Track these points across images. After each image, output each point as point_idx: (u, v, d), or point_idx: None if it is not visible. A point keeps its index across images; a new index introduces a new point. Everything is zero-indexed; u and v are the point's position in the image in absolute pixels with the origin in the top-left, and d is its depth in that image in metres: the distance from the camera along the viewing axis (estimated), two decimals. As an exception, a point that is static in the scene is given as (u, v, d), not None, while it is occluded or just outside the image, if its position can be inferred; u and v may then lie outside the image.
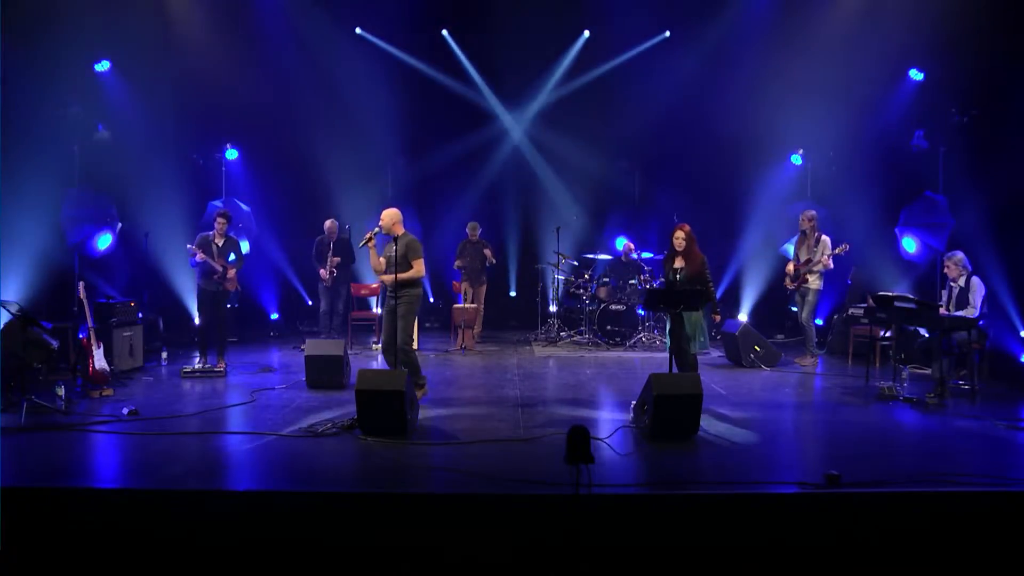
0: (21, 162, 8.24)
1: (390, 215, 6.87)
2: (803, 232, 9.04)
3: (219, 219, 8.48)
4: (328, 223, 10.45)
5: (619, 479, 4.84)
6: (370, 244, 6.77)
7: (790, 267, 9.13)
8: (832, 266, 8.94)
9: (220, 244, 8.41)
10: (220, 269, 8.31)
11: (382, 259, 6.96)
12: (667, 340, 6.84)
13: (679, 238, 6.84)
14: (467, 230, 10.81)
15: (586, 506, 4.28)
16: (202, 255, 8.19)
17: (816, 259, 8.84)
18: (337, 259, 10.34)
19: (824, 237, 8.93)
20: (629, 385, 7.67)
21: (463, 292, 10.66)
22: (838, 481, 4.56)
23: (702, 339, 6.71)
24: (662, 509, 4.47)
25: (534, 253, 12.28)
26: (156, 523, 4.37)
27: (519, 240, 12.55)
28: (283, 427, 5.97)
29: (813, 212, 9.13)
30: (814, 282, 8.91)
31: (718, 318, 6.90)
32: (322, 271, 10.34)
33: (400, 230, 6.86)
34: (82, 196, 9.48)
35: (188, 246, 8.34)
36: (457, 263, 10.71)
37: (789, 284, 9.14)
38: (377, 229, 6.83)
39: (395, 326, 6.77)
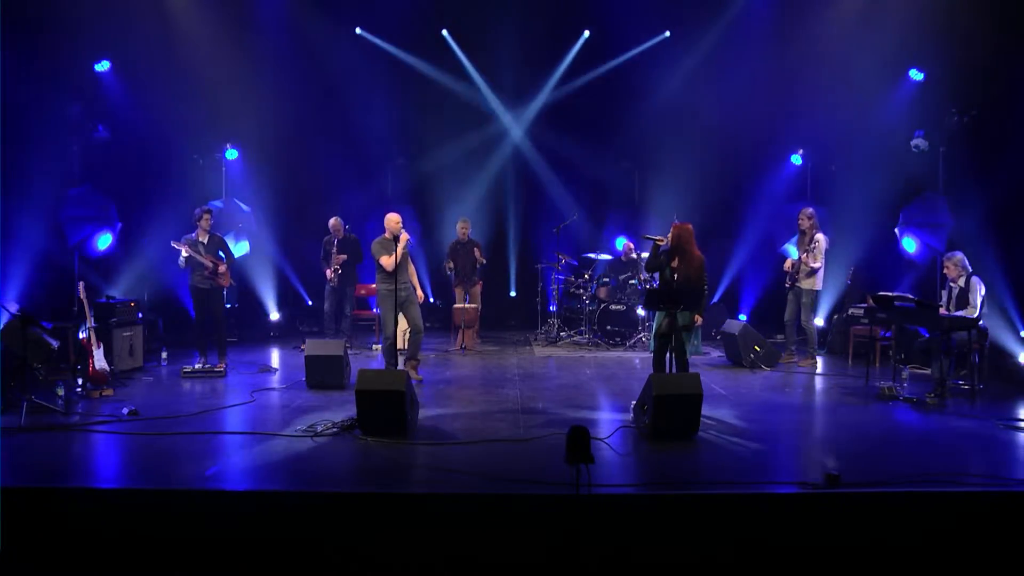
0: (21, 162, 8.24)
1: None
2: (802, 231, 9.01)
3: (204, 215, 8.37)
4: (332, 221, 10.20)
5: (619, 479, 4.85)
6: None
7: (788, 264, 9.10)
8: (820, 266, 8.87)
9: (205, 242, 8.38)
10: (210, 265, 8.28)
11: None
12: (651, 340, 6.83)
13: (671, 236, 6.81)
14: (457, 229, 10.50)
15: (586, 506, 4.29)
16: (188, 250, 8.14)
17: (807, 259, 8.82)
18: (343, 257, 10.13)
19: (819, 236, 8.88)
20: (629, 385, 7.67)
21: (456, 294, 10.56)
22: (838, 481, 4.57)
23: (696, 341, 6.69)
24: (662, 509, 4.47)
25: (534, 253, 12.27)
26: (156, 523, 4.37)
27: (519, 240, 12.55)
28: (283, 427, 5.97)
29: (812, 210, 9.09)
30: (806, 282, 8.87)
31: (700, 321, 6.90)
32: (328, 272, 10.15)
33: None
34: (82, 196, 9.48)
35: (173, 243, 8.25)
36: (448, 266, 10.47)
37: (788, 283, 9.10)
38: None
39: None
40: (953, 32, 8.80)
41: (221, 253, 8.48)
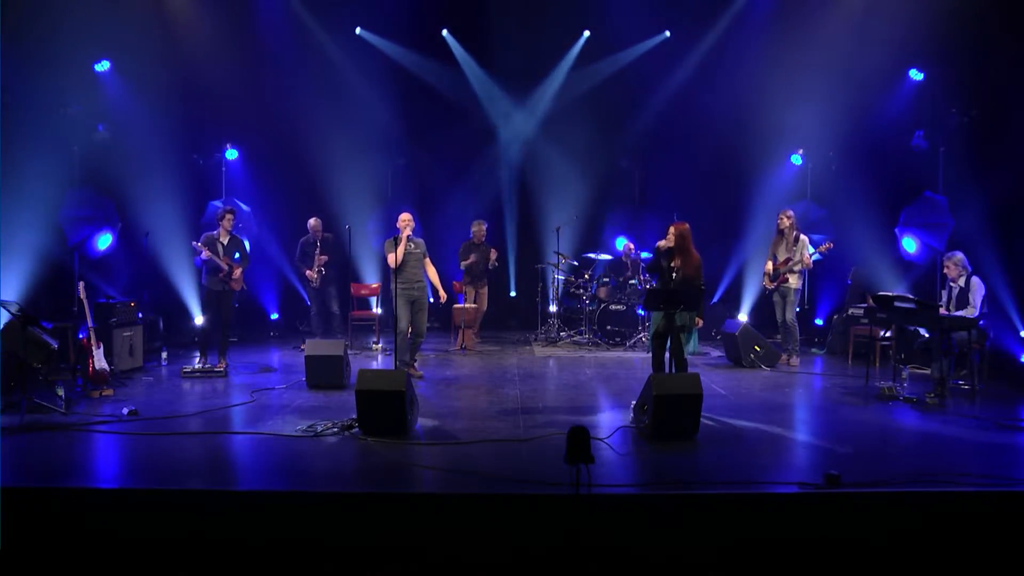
0: (21, 162, 8.24)
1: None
2: (780, 232, 8.98)
3: (227, 215, 8.42)
4: (312, 221, 10.30)
5: (619, 479, 4.85)
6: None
7: (769, 266, 9.07)
8: (812, 265, 8.92)
9: (225, 243, 8.39)
10: (226, 268, 8.29)
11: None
12: (649, 340, 6.84)
13: (670, 235, 6.80)
14: (472, 231, 10.53)
15: (586, 506, 4.28)
16: (208, 252, 8.15)
17: (796, 258, 8.82)
18: (325, 257, 10.18)
19: (803, 236, 8.90)
20: (629, 385, 7.67)
21: (465, 293, 10.55)
22: (838, 481, 4.56)
23: (694, 341, 6.69)
24: (662, 509, 4.47)
25: (534, 253, 12.27)
26: (156, 523, 4.37)
27: (519, 240, 12.54)
28: (283, 427, 5.97)
29: (792, 211, 9.10)
30: (794, 281, 8.87)
31: (700, 323, 6.90)
32: (309, 272, 10.19)
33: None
34: (82, 196, 9.48)
35: (193, 243, 8.28)
36: (464, 264, 10.49)
37: (768, 284, 9.08)
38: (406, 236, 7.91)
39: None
40: (953, 32, 8.80)
41: (237, 254, 8.46)
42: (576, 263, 11.29)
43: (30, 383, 6.66)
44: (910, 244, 9.78)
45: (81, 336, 7.39)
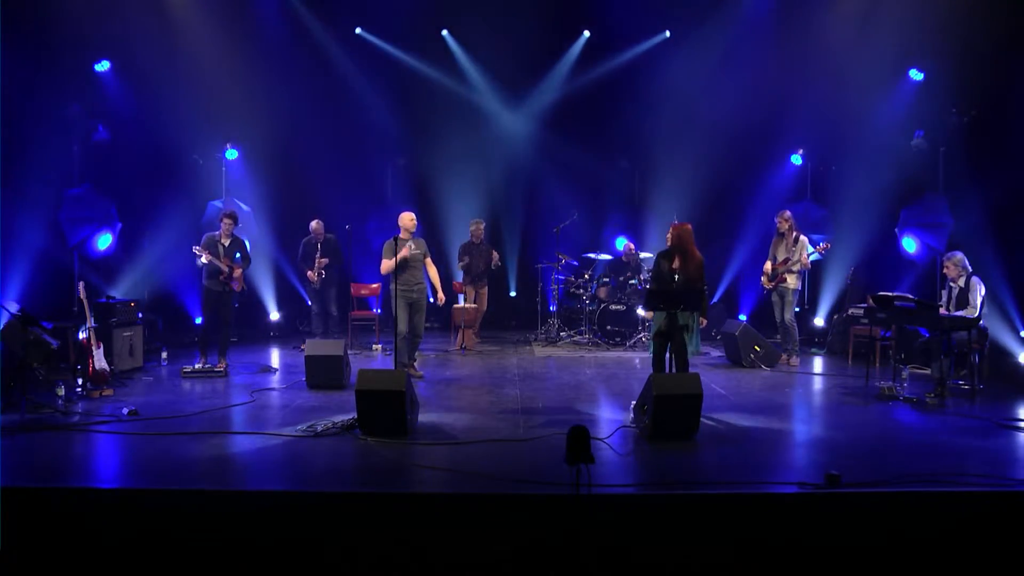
0: (21, 162, 8.24)
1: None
2: (780, 232, 9.01)
3: (225, 220, 8.41)
4: (314, 223, 10.36)
5: (619, 479, 4.84)
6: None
7: (768, 267, 9.08)
8: (810, 266, 8.94)
9: (226, 244, 8.37)
10: (227, 270, 8.28)
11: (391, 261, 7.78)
12: (650, 341, 6.84)
13: (671, 236, 6.81)
14: (470, 230, 10.49)
15: (586, 506, 4.29)
16: (208, 256, 8.15)
17: (795, 259, 8.83)
18: (325, 260, 10.23)
19: (802, 237, 8.92)
20: (629, 385, 7.68)
21: (465, 293, 10.54)
22: (838, 481, 4.57)
23: (695, 341, 6.70)
24: (662, 509, 4.47)
25: (534, 253, 12.27)
26: (156, 523, 4.37)
27: (519, 240, 12.54)
28: (283, 427, 5.97)
29: (789, 212, 9.11)
30: (792, 282, 8.89)
31: (704, 322, 6.92)
32: (309, 273, 10.23)
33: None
34: (82, 196, 9.48)
35: (194, 248, 8.28)
36: (459, 266, 10.50)
37: (767, 284, 9.09)
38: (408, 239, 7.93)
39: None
40: (953, 32, 8.80)
41: (238, 255, 8.45)
42: (576, 263, 11.29)
43: (30, 383, 6.67)
44: (910, 244, 9.78)
45: (81, 336, 7.38)
